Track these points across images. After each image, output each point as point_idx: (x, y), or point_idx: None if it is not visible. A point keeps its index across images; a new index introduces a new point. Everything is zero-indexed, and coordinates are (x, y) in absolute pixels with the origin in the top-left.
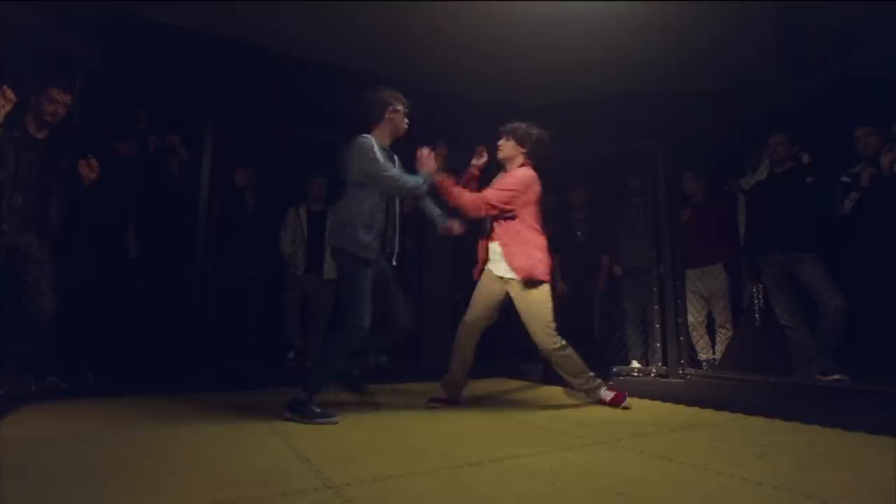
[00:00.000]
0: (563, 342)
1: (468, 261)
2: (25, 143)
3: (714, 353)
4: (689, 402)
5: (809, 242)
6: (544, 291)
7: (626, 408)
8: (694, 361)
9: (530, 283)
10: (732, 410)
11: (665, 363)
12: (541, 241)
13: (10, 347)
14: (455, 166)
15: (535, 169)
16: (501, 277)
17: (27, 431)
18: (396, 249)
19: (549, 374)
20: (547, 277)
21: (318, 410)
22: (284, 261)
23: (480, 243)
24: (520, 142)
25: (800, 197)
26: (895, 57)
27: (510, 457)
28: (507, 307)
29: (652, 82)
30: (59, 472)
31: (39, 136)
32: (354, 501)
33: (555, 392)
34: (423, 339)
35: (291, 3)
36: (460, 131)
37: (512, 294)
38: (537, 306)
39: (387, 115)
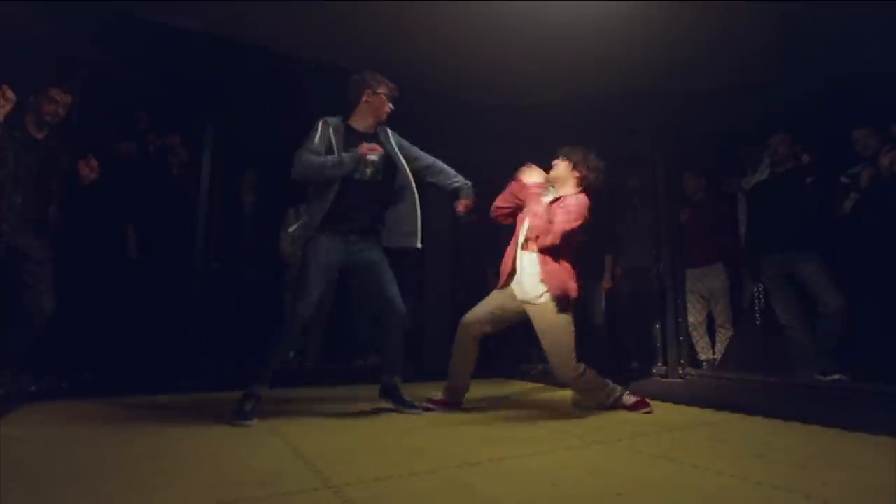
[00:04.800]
0: (582, 366)
1: (468, 261)
2: (25, 143)
3: (714, 353)
4: (689, 402)
5: (810, 242)
6: (569, 318)
7: (648, 412)
8: (694, 361)
9: (560, 304)
10: (732, 410)
11: (665, 363)
12: (572, 268)
13: (9, 347)
14: (458, 167)
15: (590, 197)
16: (525, 301)
17: (27, 431)
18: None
19: (548, 375)
20: (572, 298)
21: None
22: (284, 261)
23: (508, 255)
24: (574, 166)
25: (800, 197)
26: (895, 57)
27: (510, 457)
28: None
29: (652, 82)
30: (59, 472)
31: (39, 136)
32: (354, 501)
33: (554, 392)
34: (423, 339)
35: (291, 3)
36: (460, 131)
37: (535, 318)
38: (561, 332)
39: (364, 98)
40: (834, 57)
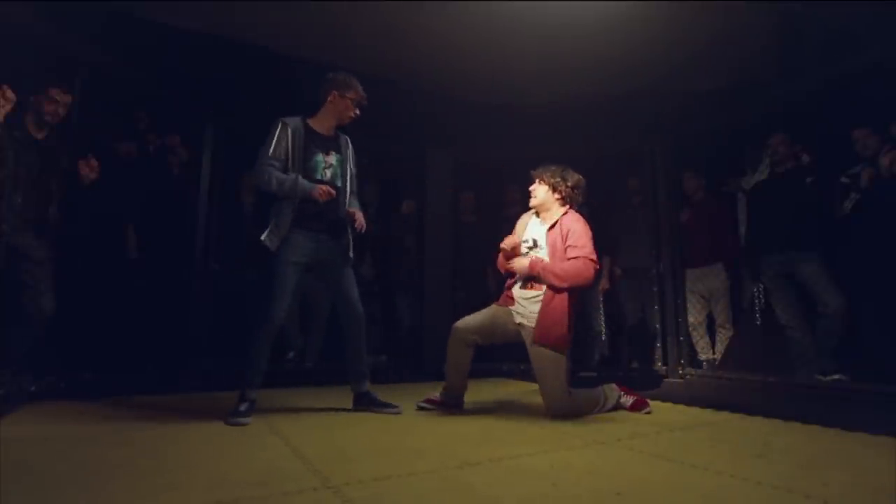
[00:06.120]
0: (570, 399)
1: (468, 261)
2: (25, 143)
3: (714, 353)
4: (689, 402)
5: (810, 242)
6: (560, 356)
7: (648, 412)
8: (694, 361)
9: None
10: (732, 410)
11: (665, 363)
12: (570, 310)
13: (9, 347)
14: (458, 167)
15: (580, 211)
16: (520, 324)
17: (27, 431)
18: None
19: None
20: (568, 345)
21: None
22: None
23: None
24: (553, 188)
25: (800, 197)
26: (895, 57)
27: (510, 457)
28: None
29: (652, 82)
30: (59, 472)
31: (39, 136)
32: (354, 501)
33: None
34: (423, 339)
35: (291, 3)
36: (460, 131)
37: (527, 344)
38: (551, 366)
39: (329, 98)
40: (833, 57)
